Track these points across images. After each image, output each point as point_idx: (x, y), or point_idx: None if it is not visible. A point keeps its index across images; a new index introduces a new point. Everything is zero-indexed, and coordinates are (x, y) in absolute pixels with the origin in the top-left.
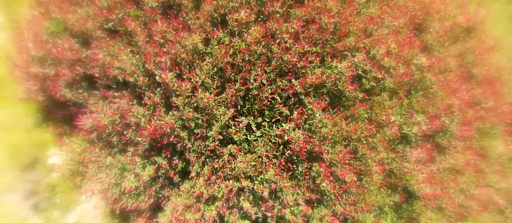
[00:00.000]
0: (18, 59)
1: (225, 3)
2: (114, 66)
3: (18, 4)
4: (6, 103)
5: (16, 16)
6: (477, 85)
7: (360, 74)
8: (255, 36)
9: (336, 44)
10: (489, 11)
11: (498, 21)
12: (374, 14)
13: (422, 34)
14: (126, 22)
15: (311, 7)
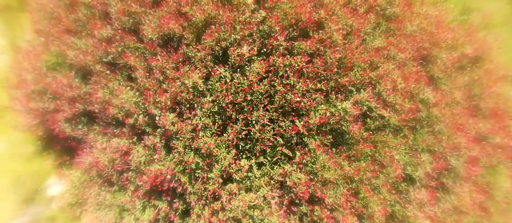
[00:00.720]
0: (17, 92)
1: (226, 36)
2: (113, 105)
3: (19, 27)
4: (6, 129)
5: (17, 39)
6: (484, 118)
7: (365, 111)
8: (258, 72)
9: (341, 79)
10: (497, 37)
11: (508, 49)
12: (379, 45)
13: (428, 65)
14: (125, 56)
15: (316, 40)
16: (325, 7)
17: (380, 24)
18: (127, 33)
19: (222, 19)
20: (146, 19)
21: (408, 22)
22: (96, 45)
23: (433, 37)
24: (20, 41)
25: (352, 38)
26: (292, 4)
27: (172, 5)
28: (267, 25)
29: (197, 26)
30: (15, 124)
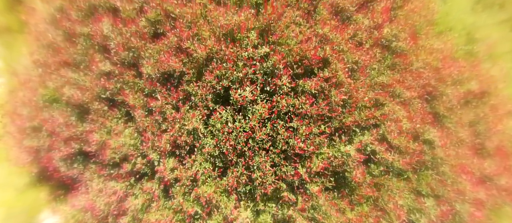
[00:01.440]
0: (12, 128)
1: (228, 74)
2: (110, 148)
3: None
4: (0, 157)
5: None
6: (489, 156)
7: (368, 154)
8: (261, 115)
9: (346, 119)
10: (502, 69)
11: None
12: (385, 81)
13: (433, 101)
14: (124, 94)
15: (321, 80)
16: (330, 42)
17: (386, 58)
18: (126, 67)
19: (224, 54)
20: (146, 53)
21: (414, 57)
22: (94, 80)
23: (438, 73)
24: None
25: (357, 75)
26: (297, 40)
27: (173, 40)
28: (271, 62)
29: (198, 61)
30: (7, 157)
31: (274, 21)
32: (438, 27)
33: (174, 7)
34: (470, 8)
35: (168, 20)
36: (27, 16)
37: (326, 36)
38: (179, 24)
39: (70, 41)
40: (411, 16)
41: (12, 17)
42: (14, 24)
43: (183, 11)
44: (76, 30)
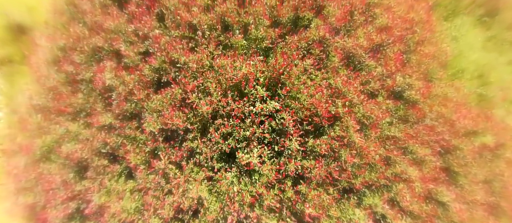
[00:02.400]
0: (5, 179)
1: (235, 134)
2: (110, 213)
3: (19, 82)
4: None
5: (16, 96)
6: (505, 217)
7: (379, 219)
8: (268, 179)
9: (355, 181)
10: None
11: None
12: (397, 135)
13: (447, 156)
14: (125, 148)
15: (332, 140)
16: (342, 96)
17: (398, 108)
18: (128, 119)
19: (230, 110)
20: (149, 105)
21: (427, 108)
22: (94, 133)
23: (453, 126)
24: (19, 100)
25: (369, 132)
26: (308, 92)
27: (177, 93)
28: (280, 119)
29: (203, 116)
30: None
31: (284, 70)
32: (450, 68)
33: (179, 55)
34: (481, 46)
35: (173, 69)
36: (30, 52)
37: (338, 89)
38: (184, 74)
39: (72, 86)
40: (424, 61)
41: (15, 48)
42: (16, 55)
43: (189, 60)
44: (77, 76)
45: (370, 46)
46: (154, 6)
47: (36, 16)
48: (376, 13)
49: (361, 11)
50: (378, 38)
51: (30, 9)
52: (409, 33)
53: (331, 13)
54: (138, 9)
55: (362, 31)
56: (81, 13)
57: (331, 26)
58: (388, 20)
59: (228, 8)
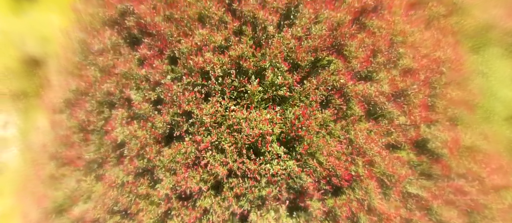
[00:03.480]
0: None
1: (250, 197)
2: None
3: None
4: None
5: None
6: None
7: None
8: None
9: None
10: None
11: None
12: (420, 195)
13: (473, 215)
14: (138, 206)
15: (351, 203)
16: (363, 153)
17: (421, 163)
18: (140, 175)
19: (246, 169)
20: (161, 163)
21: (454, 163)
22: (107, 191)
23: (482, 183)
24: (32, 136)
25: (389, 192)
26: (328, 150)
27: (191, 151)
28: (299, 182)
29: (217, 177)
30: None
31: (302, 126)
32: (479, 110)
33: (192, 108)
34: (510, 80)
35: (185, 122)
36: (43, 90)
37: (359, 146)
38: (197, 129)
39: (84, 133)
40: (451, 106)
41: (29, 82)
42: (30, 89)
43: (203, 114)
44: (89, 126)
45: (393, 92)
46: (166, 49)
47: (50, 48)
48: (400, 53)
49: (385, 51)
50: (403, 83)
51: (44, 39)
52: (435, 74)
53: (353, 55)
54: (150, 52)
55: (385, 75)
56: (92, 54)
57: (352, 70)
58: (413, 62)
59: (243, 49)
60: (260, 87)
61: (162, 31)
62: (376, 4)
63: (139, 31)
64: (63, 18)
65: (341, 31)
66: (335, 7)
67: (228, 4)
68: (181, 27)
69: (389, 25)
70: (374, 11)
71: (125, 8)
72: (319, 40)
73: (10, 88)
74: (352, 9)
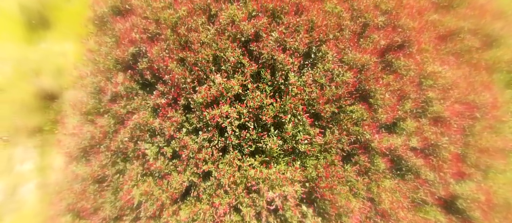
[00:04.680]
0: None
1: None
2: None
3: (49, 152)
4: None
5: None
6: None
7: None
8: None
9: None
10: None
11: None
12: None
13: None
14: None
15: None
16: (387, 217)
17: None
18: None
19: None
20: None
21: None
22: None
23: None
24: (50, 173)
25: None
26: None
27: (209, 218)
28: None
29: None
30: None
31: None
32: None
33: (211, 168)
34: None
35: (203, 181)
36: (58, 129)
37: (385, 211)
38: (214, 189)
39: (99, 184)
40: (484, 158)
41: (44, 117)
42: (46, 125)
43: (221, 176)
44: (104, 183)
45: (422, 145)
46: (180, 98)
47: (64, 80)
48: (429, 98)
49: (414, 96)
50: (433, 136)
51: (58, 71)
52: (468, 121)
53: (379, 103)
54: (163, 100)
55: (413, 124)
56: (106, 99)
57: (378, 121)
58: (444, 109)
59: (263, 100)
60: (280, 140)
61: (176, 80)
62: (404, 40)
63: (152, 75)
64: (77, 46)
65: (366, 74)
66: (359, 45)
67: (244, 43)
68: (195, 71)
69: (418, 65)
70: (401, 48)
71: (137, 50)
72: (343, 89)
73: (25, 123)
74: (378, 47)
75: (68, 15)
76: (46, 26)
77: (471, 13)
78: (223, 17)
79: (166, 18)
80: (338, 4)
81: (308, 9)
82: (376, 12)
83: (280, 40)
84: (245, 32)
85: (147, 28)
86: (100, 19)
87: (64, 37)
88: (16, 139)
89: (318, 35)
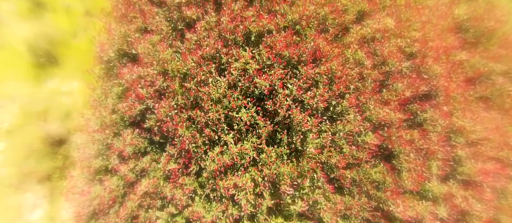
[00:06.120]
0: None
1: None
2: None
3: (58, 199)
4: None
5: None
6: None
7: None
8: None
9: None
10: None
11: None
12: None
13: None
14: None
15: None
16: None
17: None
18: None
19: None
20: None
21: None
22: None
23: None
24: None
25: None
26: None
27: None
28: None
29: None
30: None
31: None
32: None
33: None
34: None
35: None
36: (66, 181)
37: None
38: None
39: None
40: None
41: (52, 162)
42: (54, 171)
43: None
44: None
45: (451, 214)
46: (191, 164)
47: (71, 123)
48: (459, 157)
49: (441, 155)
50: (464, 203)
51: (66, 115)
52: (501, 182)
53: (404, 166)
54: (174, 165)
55: (440, 190)
56: (113, 162)
57: (402, 187)
58: (477, 172)
59: (279, 168)
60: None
61: (186, 146)
62: (430, 90)
63: (161, 135)
64: (84, 85)
65: (390, 132)
66: (382, 96)
67: (258, 99)
68: (206, 135)
69: (445, 117)
70: (427, 97)
71: (145, 107)
72: (366, 153)
73: (34, 169)
74: (402, 97)
75: (75, 51)
76: (53, 63)
77: (503, 53)
78: (234, 68)
79: (173, 69)
80: (359, 49)
81: (326, 55)
82: (400, 56)
83: (297, 96)
84: (260, 87)
85: (154, 82)
86: (107, 63)
87: (71, 75)
88: (25, 186)
89: (339, 88)
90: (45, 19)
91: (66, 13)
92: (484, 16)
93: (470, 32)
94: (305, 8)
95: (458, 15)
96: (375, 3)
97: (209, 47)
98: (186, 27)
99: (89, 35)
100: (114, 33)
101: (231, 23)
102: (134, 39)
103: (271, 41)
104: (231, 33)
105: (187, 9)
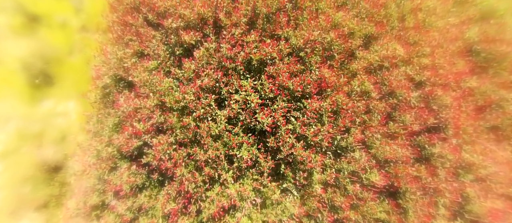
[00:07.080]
0: None
1: None
2: None
3: None
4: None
5: None
6: None
7: None
8: None
9: None
10: None
11: None
12: None
13: None
14: None
15: None
16: None
17: None
18: None
19: None
20: None
21: None
22: None
23: None
24: None
25: None
26: None
27: None
28: None
29: None
30: None
31: None
32: None
33: None
34: None
35: None
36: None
37: None
38: None
39: None
40: None
41: (48, 189)
42: (50, 200)
43: None
44: None
45: None
46: (190, 205)
47: (67, 146)
48: (468, 195)
49: (449, 195)
50: None
51: (61, 139)
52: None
53: (410, 206)
54: (174, 204)
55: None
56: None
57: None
58: (487, 212)
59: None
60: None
61: (186, 187)
62: (439, 123)
63: (159, 173)
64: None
65: (396, 171)
66: (389, 128)
67: (258, 137)
68: (204, 174)
69: (454, 152)
70: (435, 130)
71: (142, 143)
72: (372, 193)
73: (30, 196)
74: (410, 131)
75: (71, 70)
76: (48, 82)
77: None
78: (235, 100)
79: (171, 102)
80: (366, 79)
81: (332, 86)
82: (408, 85)
83: (300, 134)
84: (262, 122)
85: (151, 116)
86: (103, 89)
87: (67, 94)
88: (22, 212)
89: (344, 123)
90: (40, 35)
91: (61, 28)
92: (495, 38)
93: (480, 56)
94: (310, 33)
95: (469, 37)
96: (383, 26)
97: (208, 78)
98: (184, 52)
99: (85, 53)
100: (110, 57)
101: (231, 50)
102: (131, 64)
103: (274, 71)
104: (231, 61)
105: (185, 33)
